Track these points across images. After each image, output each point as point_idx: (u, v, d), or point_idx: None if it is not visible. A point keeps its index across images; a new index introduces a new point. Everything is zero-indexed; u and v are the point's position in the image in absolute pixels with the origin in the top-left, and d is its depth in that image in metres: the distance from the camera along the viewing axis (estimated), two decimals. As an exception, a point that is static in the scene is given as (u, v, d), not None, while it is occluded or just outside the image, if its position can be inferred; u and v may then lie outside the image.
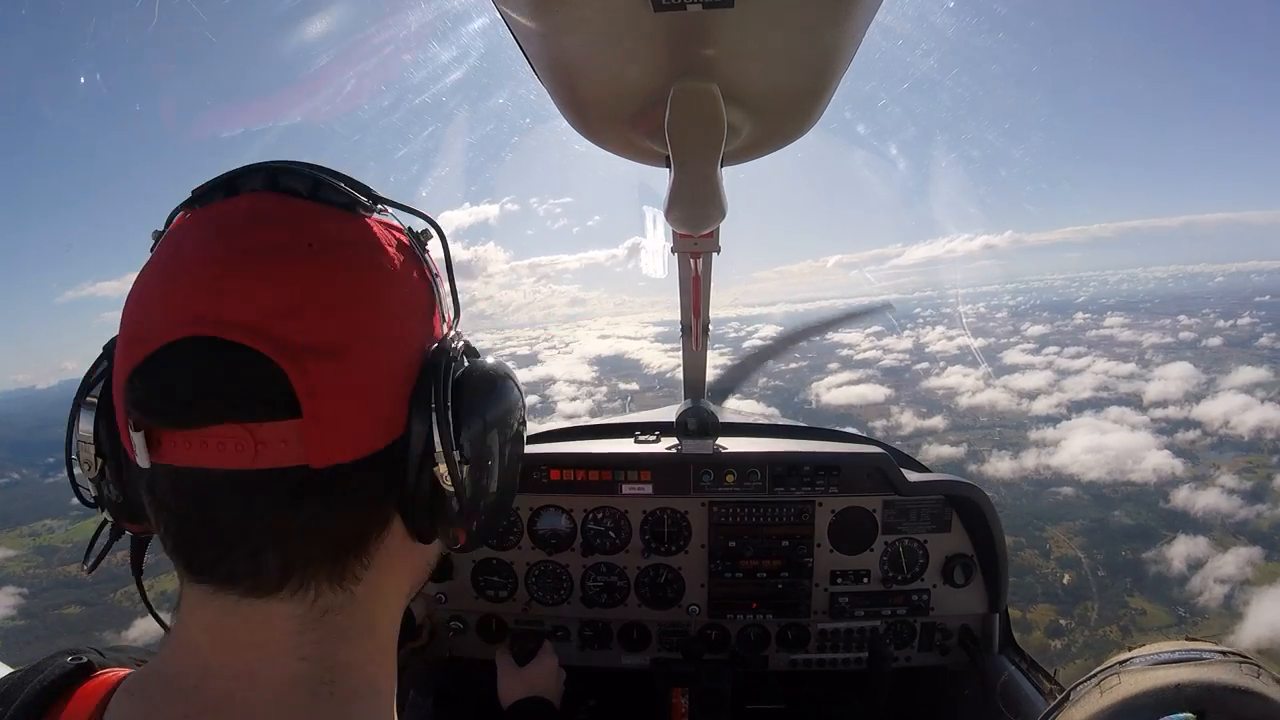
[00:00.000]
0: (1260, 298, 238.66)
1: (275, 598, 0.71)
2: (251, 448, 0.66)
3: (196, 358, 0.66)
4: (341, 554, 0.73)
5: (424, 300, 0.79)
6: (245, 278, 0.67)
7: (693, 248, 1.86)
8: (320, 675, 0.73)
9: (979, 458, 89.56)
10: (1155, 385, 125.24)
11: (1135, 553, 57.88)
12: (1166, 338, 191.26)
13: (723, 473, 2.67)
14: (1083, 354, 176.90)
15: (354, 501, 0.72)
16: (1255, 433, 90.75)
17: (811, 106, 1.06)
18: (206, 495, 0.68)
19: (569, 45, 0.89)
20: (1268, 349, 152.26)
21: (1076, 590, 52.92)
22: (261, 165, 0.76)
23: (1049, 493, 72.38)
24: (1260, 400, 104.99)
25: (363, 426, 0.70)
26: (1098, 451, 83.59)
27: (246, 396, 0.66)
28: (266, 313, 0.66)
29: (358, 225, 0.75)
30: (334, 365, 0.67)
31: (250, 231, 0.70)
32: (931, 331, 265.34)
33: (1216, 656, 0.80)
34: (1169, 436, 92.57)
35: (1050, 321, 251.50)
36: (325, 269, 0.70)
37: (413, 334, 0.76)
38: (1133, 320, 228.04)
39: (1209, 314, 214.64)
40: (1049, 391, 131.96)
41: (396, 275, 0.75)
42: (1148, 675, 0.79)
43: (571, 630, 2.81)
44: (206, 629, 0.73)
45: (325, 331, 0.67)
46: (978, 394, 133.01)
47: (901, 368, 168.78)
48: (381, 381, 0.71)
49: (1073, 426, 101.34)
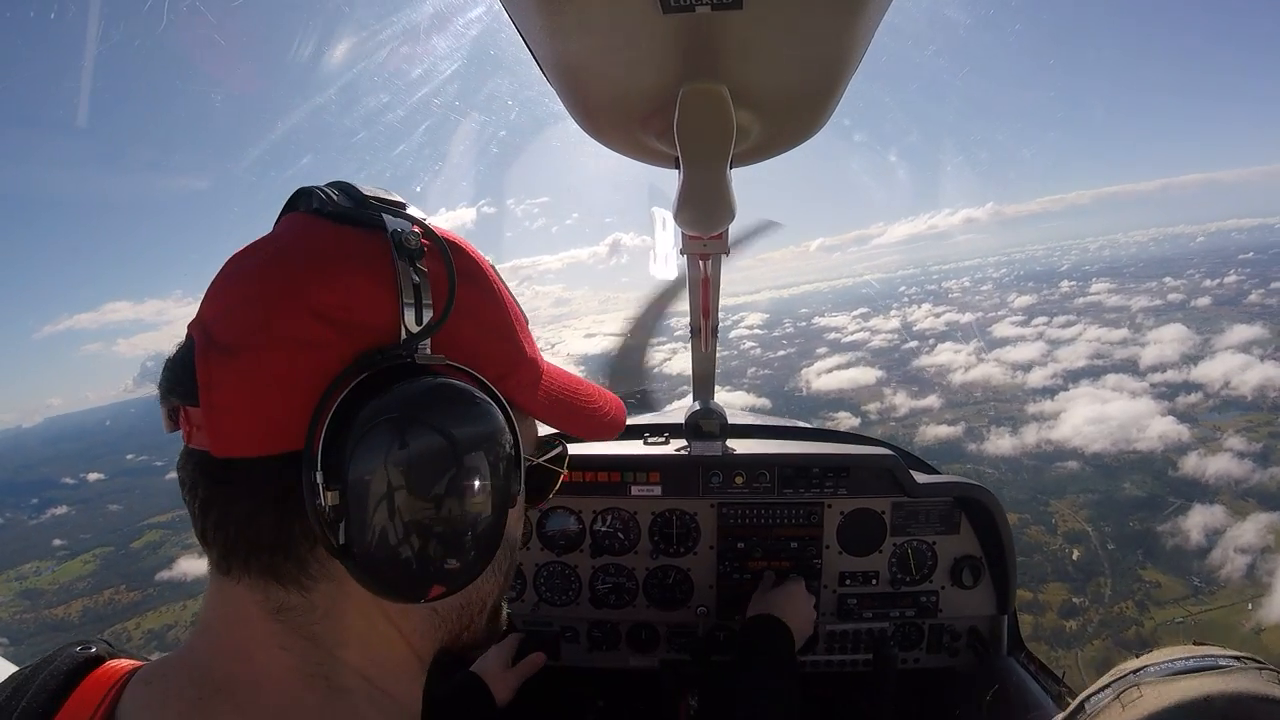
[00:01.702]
0: (1244, 255, 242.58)
1: (232, 579, 0.74)
2: (188, 428, 0.74)
3: (182, 349, 0.76)
4: (265, 552, 0.73)
5: (370, 308, 0.74)
6: (221, 283, 0.76)
7: (702, 249, 1.90)
8: (307, 668, 0.75)
9: (977, 436, 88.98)
10: (1150, 350, 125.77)
11: (1143, 523, 57.20)
12: (1155, 300, 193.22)
13: (731, 474, 2.68)
14: (1072, 322, 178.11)
15: (255, 501, 0.72)
16: (1258, 392, 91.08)
17: (821, 107, 1.06)
18: (180, 461, 0.76)
19: (577, 47, 0.89)
20: (1258, 305, 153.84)
21: (1087, 566, 52.15)
22: (307, 188, 0.83)
23: (1054, 468, 71.72)
24: (1259, 358, 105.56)
25: (253, 427, 0.70)
26: (1100, 422, 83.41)
27: (179, 381, 0.74)
28: (214, 312, 0.74)
29: (329, 233, 0.77)
30: (230, 362, 0.70)
31: (257, 244, 0.78)
32: (918, 309, 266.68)
33: (1234, 664, 0.78)
34: (1170, 401, 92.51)
35: (1036, 291, 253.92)
36: (264, 274, 0.73)
37: (328, 340, 0.72)
38: (1119, 285, 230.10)
39: (1194, 274, 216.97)
40: (1043, 363, 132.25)
41: (329, 281, 0.73)
42: (1171, 687, 0.76)
43: (580, 631, 2.82)
44: (210, 602, 0.78)
45: (233, 330, 0.71)
46: (971, 370, 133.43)
47: (891, 348, 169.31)
48: (276, 385, 0.70)
49: (1071, 397, 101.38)
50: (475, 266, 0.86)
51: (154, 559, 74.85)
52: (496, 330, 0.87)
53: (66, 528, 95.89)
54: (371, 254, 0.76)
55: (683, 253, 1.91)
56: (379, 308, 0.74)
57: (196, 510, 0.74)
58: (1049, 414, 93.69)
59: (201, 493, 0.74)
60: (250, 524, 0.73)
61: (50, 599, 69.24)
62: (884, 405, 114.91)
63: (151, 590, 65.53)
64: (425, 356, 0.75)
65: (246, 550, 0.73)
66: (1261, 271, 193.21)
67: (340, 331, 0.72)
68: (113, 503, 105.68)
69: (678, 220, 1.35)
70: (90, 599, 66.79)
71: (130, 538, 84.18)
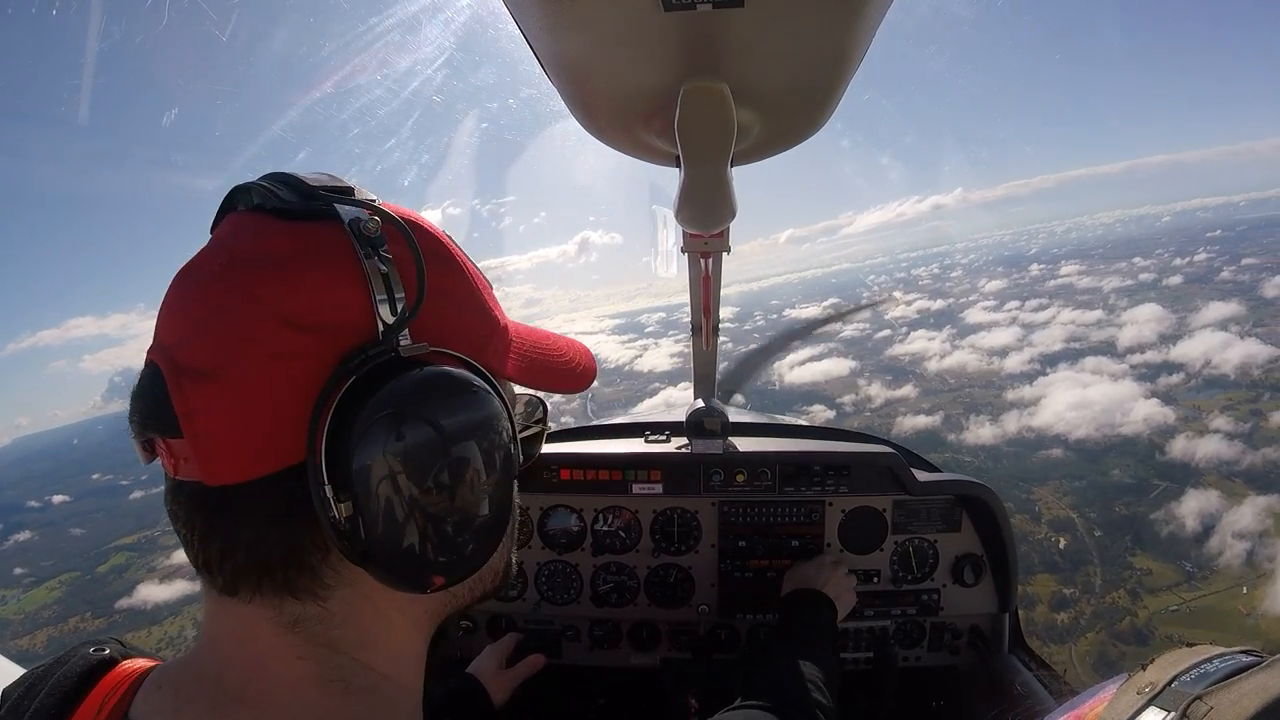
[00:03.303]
0: (1211, 233, 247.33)
1: (240, 600, 0.73)
2: (171, 461, 0.71)
3: (145, 379, 0.72)
4: (278, 569, 0.72)
5: (340, 307, 0.72)
6: (173, 304, 0.72)
7: (703, 248, 1.95)
8: (326, 674, 0.75)
9: (956, 425, 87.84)
10: (1128, 330, 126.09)
11: (1130, 508, 56.11)
12: (1126, 280, 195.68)
13: (733, 472, 2.70)
14: (1045, 305, 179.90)
15: (260, 522, 0.71)
16: (1240, 370, 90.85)
17: (822, 106, 1.08)
18: (168, 498, 0.74)
19: (579, 44, 0.90)
20: (1230, 282, 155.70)
21: (1075, 555, 51.08)
22: (244, 185, 0.77)
23: (1037, 456, 70.64)
24: (1239, 335, 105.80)
25: (244, 449, 0.68)
26: (1083, 407, 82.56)
27: (154, 415, 0.70)
28: (175, 336, 0.70)
29: (278, 232, 0.73)
30: (208, 387, 0.67)
31: (202, 255, 0.74)
32: (889, 297, 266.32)
33: (1265, 657, 0.72)
34: (1152, 383, 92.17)
35: (1006, 276, 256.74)
36: (220, 288, 0.70)
37: (306, 347, 0.70)
38: (1088, 266, 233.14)
39: (1163, 254, 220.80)
40: (1019, 348, 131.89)
41: (291, 284, 0.71)
42: (1237, 692, 0.67)
43: (581, 630, 2.85)
44: (214, 620, 0.76)
45: (203, 353, 0.68)
46: (946, 357, 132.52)
47: (863, 338, 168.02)
48: (260, 401, 0.69)
49: (1050, 382, 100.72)
50: (438, 244, 0.84)
51: (120, 583, 73.46)
52: (468, 305, 0.86)
53: (30, 554, 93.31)
54: (331, 248, 0.73)
55: (684, 251, 1.94)
56: (351, 304, 0.72)
57: (195, 542, 0.72)
58: (1029, 400, 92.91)
59: (200, 525, 0.72)
60: (259, 546, 0.71)
61: (16, 629, 67.51)
62: (859, 397, 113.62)
63: (117, 617, 64.08)
64: (408, 348, 0.74)
65: (258, 573, 0.72)
66: (1230, 249, 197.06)
67: (317, 336, 0.70)
68: (76, 526, 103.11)
69: (679, 218, 1.37)
70: (56, 628, 65.31)
71: (96, 562, 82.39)
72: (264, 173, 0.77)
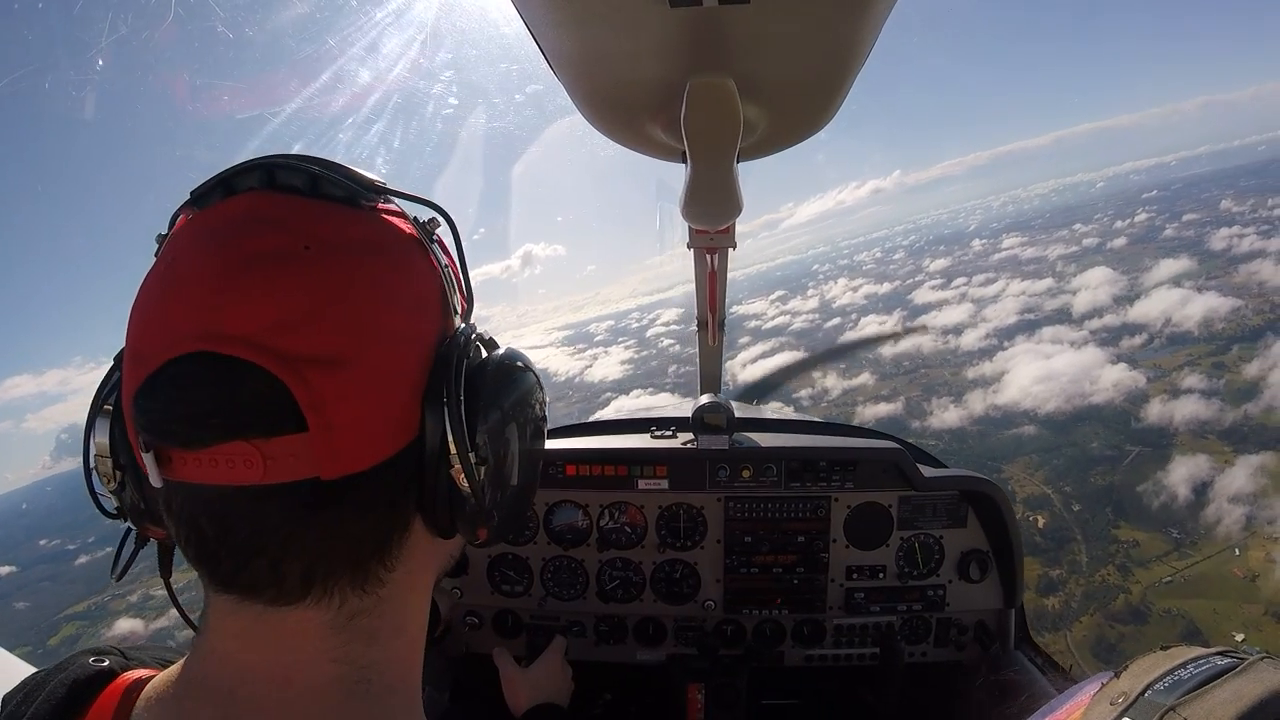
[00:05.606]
0: (1147, 194, 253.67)
1: (300, 606, 0.72)
2: (260, 464, 0.66)
3: (198, 375, 0.66)
4: (363, 560, 0.74)
5: (433, 293, 0.79)
6: (243, 289, 0.67)
7: (709, 243, 1.97)
8: (354, 675, 0.76)
9: (919, 410, 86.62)
10: (1082, 296, 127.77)
11: (1105, 476, 55.05)
12: (1071, 247, 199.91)
13: (739, 468, 2.74)
14: (993, 279, 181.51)
15: (371, 508, 0.72)
16: (1202, 325, 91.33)
17: (828, 101, 1.08)
18: (220, 510, 0.69)
19: (585, 40, 0.91)
20: (1175, 239, 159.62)
21: (1057, 533, 49.81)
22: (260, 161, 0.75)
23: (1009, 433, 69.20)
24: (1197, 289, 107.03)
25: (374, 434, 0.70)
26: (1049, 379, 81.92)
27: (250, 413, 0.66)
28: (266, 325, 0.65)
29: (359, 220, 0.75)
30: (339, 375, 0.67)
31: (248, 237, 0.70)
32: (834, 286, 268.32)
33: (1239, 660, 0.72)
34: (1115, 347, 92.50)
35: (949, 254, 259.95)
36: (324, 273, 0.69)
37: (422, 330, 0.76)
38: (1030, 237, 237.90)
39: (1103, 218, 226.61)
40: (973, 324, 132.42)
41: (401, 271, 0.75)
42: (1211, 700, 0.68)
43: (587, 625, 2.89)
44: (236, 636, 0.74)
45: (327, 341, 0.67)
46: (900, 341, 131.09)
47: (813, 328, 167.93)
48: (391, 385, 0.71)
49: (1010, 356, 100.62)
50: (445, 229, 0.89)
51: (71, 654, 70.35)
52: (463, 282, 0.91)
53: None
54: (410, 238, 0.79)
55: (689, 247, 1.97)
56: (434, 290, 0.79)
57: (269, 550, 0.70)
58: (991, 377, 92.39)
59: (286, 530, 0.69)
60: (360, 536, 0.73)
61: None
62: (816, 390, 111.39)
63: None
64: (472, 329, 0.82)
65: (348, 566, 0.73)
66: (1169, 207, 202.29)
67: (427, 319, 0.77)
68: (23, 600, 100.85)
69: (684, 214, 1.39)
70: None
71: (47, 634, 79.43)
72: None
